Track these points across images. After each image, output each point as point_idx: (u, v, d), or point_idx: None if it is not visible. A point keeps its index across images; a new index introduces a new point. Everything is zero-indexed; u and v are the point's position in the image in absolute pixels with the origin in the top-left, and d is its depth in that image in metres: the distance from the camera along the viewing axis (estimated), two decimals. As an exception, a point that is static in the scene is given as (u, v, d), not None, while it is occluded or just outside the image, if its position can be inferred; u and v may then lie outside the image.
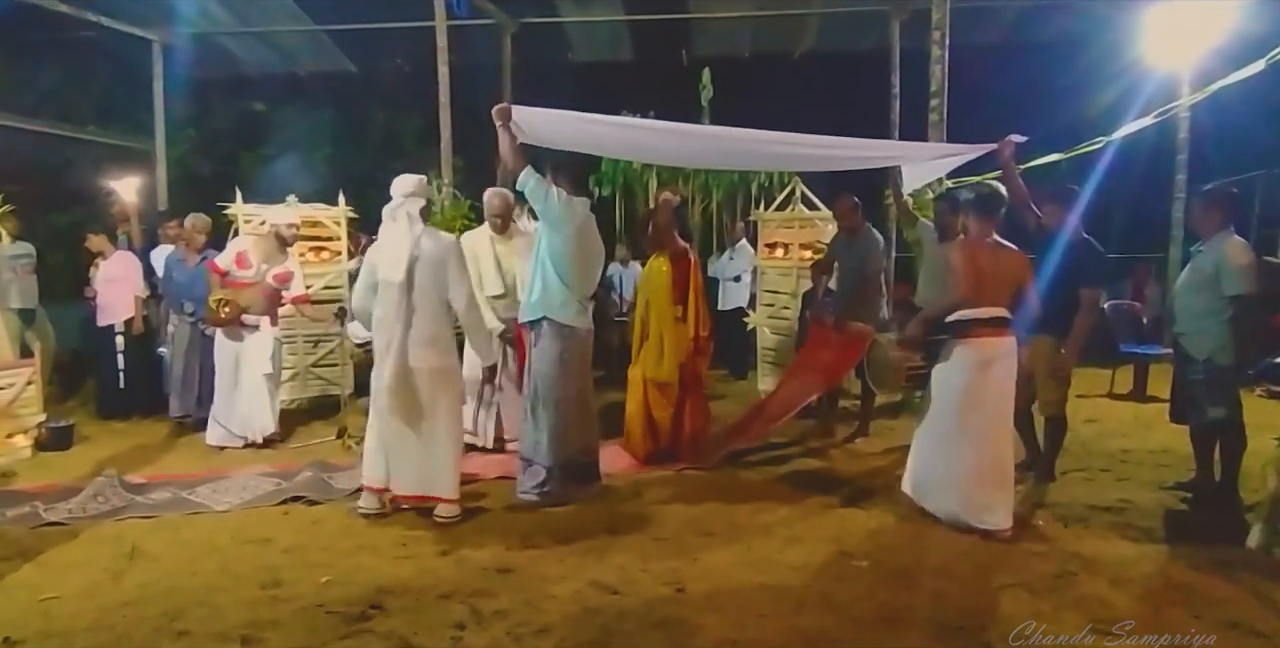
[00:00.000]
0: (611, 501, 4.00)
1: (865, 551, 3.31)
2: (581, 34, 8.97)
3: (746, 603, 2.84)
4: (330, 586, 2.95)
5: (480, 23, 8.12)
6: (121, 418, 5.77)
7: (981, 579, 3.03)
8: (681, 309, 4.62)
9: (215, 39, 8.57)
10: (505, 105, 3.76)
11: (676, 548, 3.35)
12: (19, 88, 8.45)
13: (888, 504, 3.92)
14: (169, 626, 2.64)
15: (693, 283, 4.64)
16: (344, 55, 9.12)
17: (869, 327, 4.91)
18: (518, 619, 2.69)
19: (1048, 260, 4.06)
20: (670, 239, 4.65)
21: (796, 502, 3.97)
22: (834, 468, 4.63)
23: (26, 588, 2.96)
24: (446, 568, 3.13)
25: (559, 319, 3.85)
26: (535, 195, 3.78)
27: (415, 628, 2.62)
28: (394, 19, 7.96)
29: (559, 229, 3.83)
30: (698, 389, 4.72)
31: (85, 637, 2.58)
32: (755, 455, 4.81)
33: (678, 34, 8.72)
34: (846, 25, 8.61)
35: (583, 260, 3.91)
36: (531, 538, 3.44)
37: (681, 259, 4.66)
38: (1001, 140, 4.02)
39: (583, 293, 3.92)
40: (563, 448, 3.89)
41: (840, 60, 9.23)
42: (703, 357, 4.72)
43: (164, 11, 7.75)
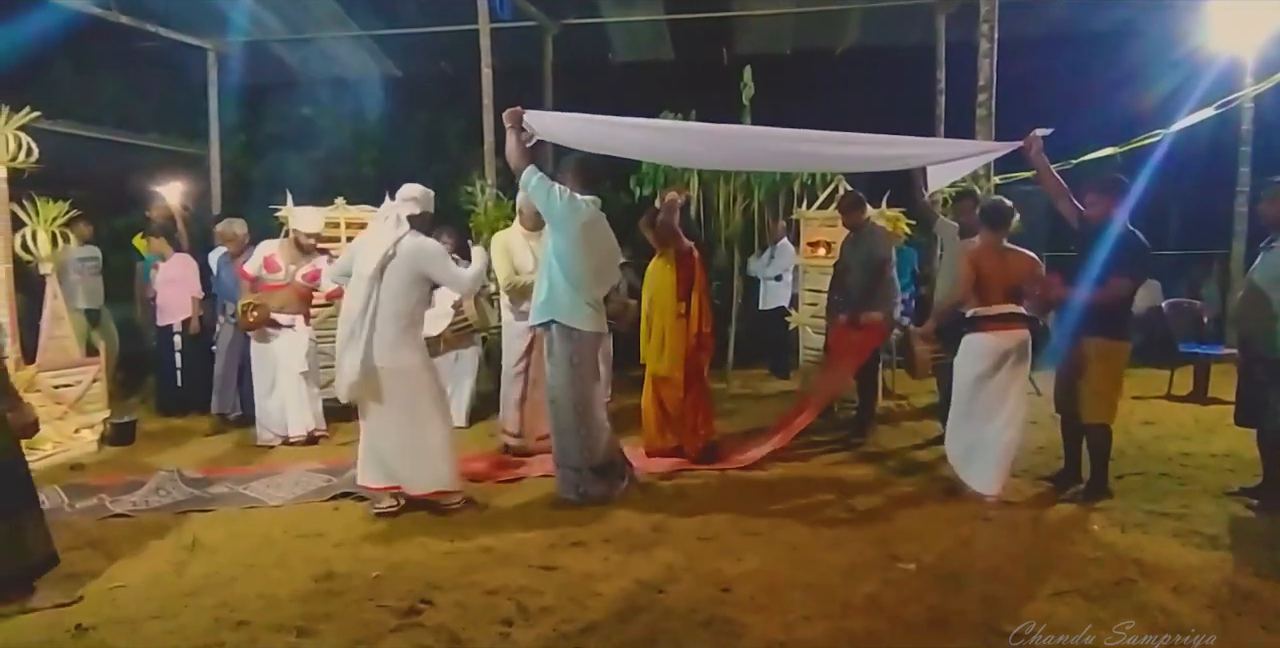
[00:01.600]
0: (655, 499, 4.01)
1: (912, 553, 3.26)
2: (622, 34, 8.99)
3: (792, 604, 2.82)
4: (381, 580, 3.01)
5: (522, 25, 8.20)
6: (179, 415, 5.96)
7: (1035, 584, 2.96)
8: (684, 306, 4.61)
9: (267, 46, 8.81)
10: (515, 109, 3.84)
11: (721, 548, 3.34)
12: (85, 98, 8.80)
13: (934, 506, 3.86)
14: (228, 616, 2.73)
15: (697, 280, 4.65)
16: (390, 60, 9.30)
17: (880, 315, 4.93)
18: (564, 616, 2.72)
19: (1093, 256, 3.84)
20: (675, 237, 4.65)
21: (841, 503, 3.93)
22: (878, 470, 4.57)
23: (94, 577, 3.07)
24: (493, 564, 3.17)
25: (567, 322, 3.82)
26: (537, 194, 3.79)
27: (464, 623, 2.66)
28: (438, 23, 8.09)
29: (563, 228, 3.80)
30: (700, 385, 4.72)
31: (151, 625, 2.68)
32: (798, 456, 4.77)
33: (719, 32, 8.69)
34: (890, 20, 8.47)
35: (590, 261, 3.85)
36: (576, 535, 3.47)
37: (686, 257, 4.65)
38: (1027, 136, 3.94)
39: (592, 294, 3.88)
40: (590, 449, 3.89)
41: (883, 56, 9.08)
42: (704, 353, 4.74)
43: (219, 21, 7.99)
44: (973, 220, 4.67)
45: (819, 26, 8.64)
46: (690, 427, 4.65)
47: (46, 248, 5.28)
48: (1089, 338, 3.86)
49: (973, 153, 4.46)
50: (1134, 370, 7.55)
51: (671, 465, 4.56)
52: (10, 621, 2.71)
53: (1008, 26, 6.19)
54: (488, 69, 6.88)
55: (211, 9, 7.74)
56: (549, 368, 3.93)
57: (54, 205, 5.22)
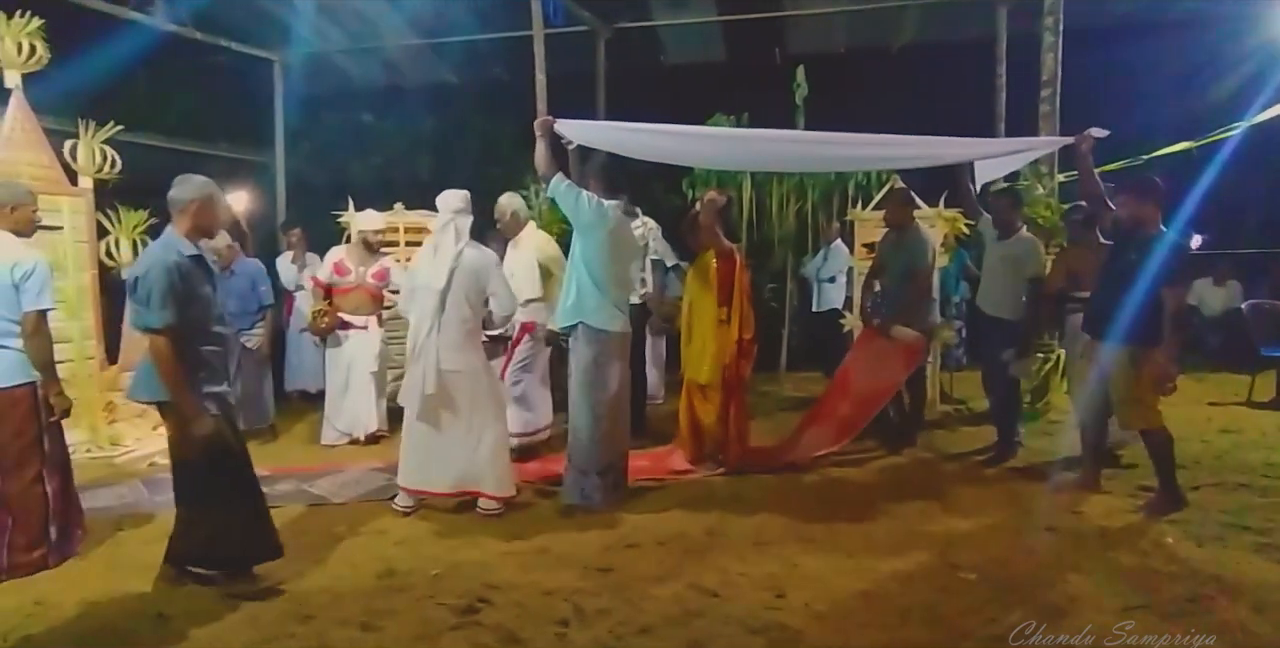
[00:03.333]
0: (710, 502, 4.00)
1: (974, 562, 3.18)
2: (674, 37, 9.00)
3: (848, 612, 2.79)
4: (440, 578, 3.08)
5: (574, 30, 8.28)
6: (249, 413, 6.20)
7: (1104, 599, 2.86)
8: (726, 311, 4.53)
9: (329, 57, 9.08)
10: (546, 118, 3.95)
11: (776, 553, 3.32)
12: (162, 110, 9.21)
13: (996, 514, 3.77)
14: (296, 610, 2.83)
15: (737, 284, 4.54)
16: (446, 67, 9.49)
17: (920, 334, 4.71)
18: (619, 618, 2.74)
19: (1122, 260, 3.71)
20: (714, 239, 4.58)
21: (899, 509, 3.86)
22: (937, 476, 4.47)
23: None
24: (549, 565, 3.22)
25: (593, 324, 3.85)
26: (565, 200, 3.84)
27: (521, 623, 2.71)
28: (493, 30, 8.22)
29: (590, 234, 3.85)
30: (740, 393, 4.63)
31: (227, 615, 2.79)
32: (853, 461, 4.71)
33: (771, 32, 8.61)
34: (947, 15, 8.25)
35: (617, 264, 3.91)
36: (631, 538, 3.50)
37: (727, 260, 4.57)
38: (1080, 134, 3.83)
39: (617, 297, 3.92)
40: (601, 452, 3.89)
41: (941, 52, 8.87)
42: (746, 360, 4.62)
43: (284, 33, 8.30)
44: (1011, 218, 4.53)
45: (874, 24, 8.48)
46: (732, 435, 4.57)
47: (128, 255, 5.56)
48: (1122, 345, 3.69)
49: (1023, 149, 4.34)
50: (1211, 375, 7.28)
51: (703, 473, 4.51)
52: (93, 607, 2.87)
53: (1072, 18, 5.99)
54: (541, 75, 6.97)
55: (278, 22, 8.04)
56: (572, 369, 3.97)
57: (135, 214, 5.49)
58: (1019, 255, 4.51)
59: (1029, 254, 4.51)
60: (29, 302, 3.08)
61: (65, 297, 5.10)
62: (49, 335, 3.18)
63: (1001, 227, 4.59)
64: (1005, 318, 4.60)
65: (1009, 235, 4.57)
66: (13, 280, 3.06)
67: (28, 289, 3.07)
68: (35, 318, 3.09)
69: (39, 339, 3.10)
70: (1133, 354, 3.67)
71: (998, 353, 4.62)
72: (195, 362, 2.92)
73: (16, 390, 3.11)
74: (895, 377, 4.79)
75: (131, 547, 3.49)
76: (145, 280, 2.82)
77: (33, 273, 3.09)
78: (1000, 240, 4.60)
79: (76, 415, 5.05)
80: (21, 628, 2.73)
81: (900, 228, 4.93)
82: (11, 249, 3.13)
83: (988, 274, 4.73)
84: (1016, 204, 4.65)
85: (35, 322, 3.09)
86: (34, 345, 3.09)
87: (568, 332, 3.98)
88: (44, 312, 3.12)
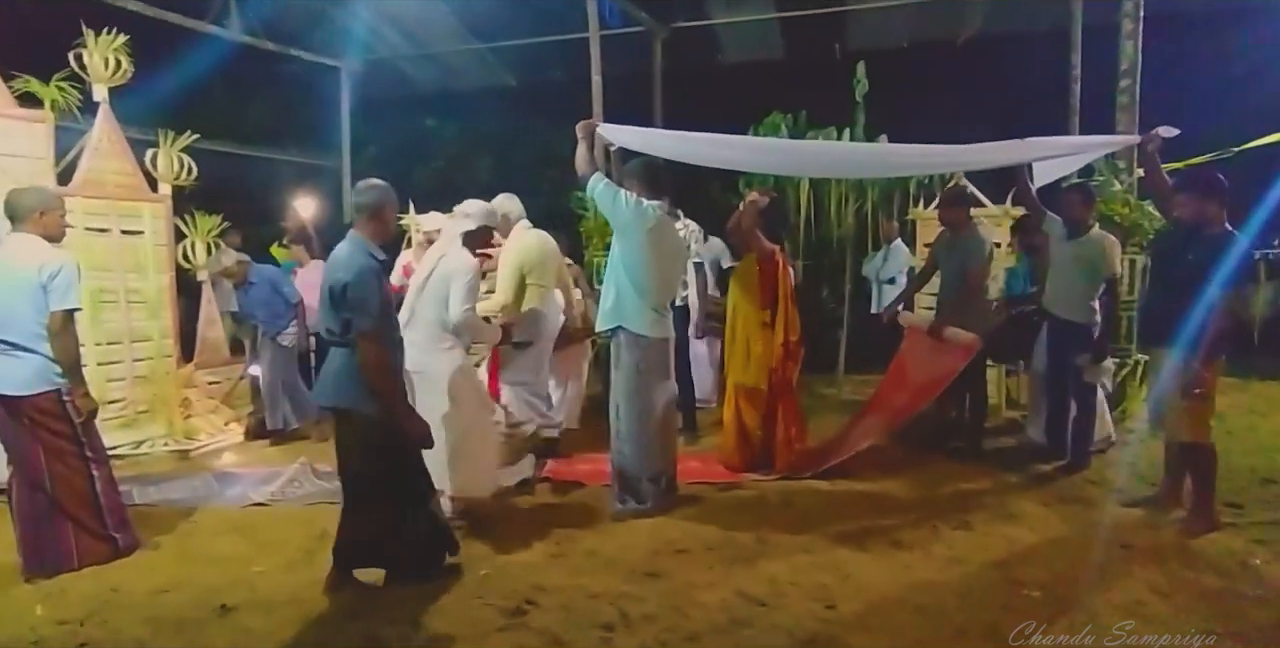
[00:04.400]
0: (761, 508, 3.94)
1: (1038, 579, 3.04)
2: (732, 35, 8.92)
3: (902, 626, 2.70)
4: (489, 579, 3.11)
5: (631, 31, 8.29)
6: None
7: (1182, 622, 2.69)
8: (770, 314, 4.43)
9: (392, 63, 9.34)
10: (589, 122, 3.94)
11: (828, 562, 3.24)
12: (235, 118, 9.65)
13: (1063, 528, 3.59)
14: (348, 607, 2.89)
15: (781, 286, 4.43)
16: (505, 71, 9.64)
17: (974, 335, 4.51)
18: (665, 625, 2.72)
19: (1179, 261, 3.49)
20: (756, 241, 4.47)
21: (959, 520, 3.71)
22: (1000, 485, 4.30)
23: (238, 561, 3.36)
24: (596, 568, 3.21)
25: (633, 329, 3.77)
26: (603, 200, 3.79)
27: (566, 626, 2.71)
28: (550, 33, 8.31)
29: (628, 234, 3.77)
30: (789, 396, 4.51)
31: (284, 609, 2.89)
32: (912, 469, 4.56)
33: (831, 28, 8.44)
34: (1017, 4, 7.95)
35: (656, 267, 3.80)
36: (680, 543, 3.46)
37: (769, 262, 4.47)
38: (1147, 134, 3.69)
39: (658, 301, 3.82)
40: (649, 459, 3.83)
41: (1009, 44, 8.54)
42: (793, 362, 4.50)
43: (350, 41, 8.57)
44: (1082, 216, 4.33)
45: (938, 16, 8.23)
46: (782, 440, 4.47)
47: (203, 257, 5.82)
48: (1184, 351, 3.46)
49: (1085, 149, 4.14)
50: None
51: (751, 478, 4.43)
52: (163, 596, 3.01)
53: (1154, 3, 5.67)
54: (597, 76, 7.00)
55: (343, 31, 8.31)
56: (614, 375, 3.91)
57: (209, 218, 5.75)
58: (1093, 255, 4.30)
59: (1104, 253, 4.29)
60: (55, 301, 3.10)
61: (145, 297, 5.40)
62: (75, 336, 3.21)
63: (1072, 225, 4.37)
64: (1076, 321, 4.40)
65: (1081, 234, 4.35)
66: (40, 281, 3.09)
67: (54, 288, 3.10)
68: (61, 317, 3.12)
69: (65, 339, 3.13)
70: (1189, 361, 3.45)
71: (1068, 358, 4.42)
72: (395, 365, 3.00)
73: (42, 398, 3.16)
74: (946, 372, 4.59)
75: (201, 539, 3.65)
76: (358, 286, 2.82)
77: (59, 273, 3.11)
78: (1071, 239, 4.39)
79: (154, 411, 5.37)
80: (99, 613, 2.88)
81: (955, 228, 4.79)
82: (39, 252, 3.17)
83: (1057, 275, 4.51)
84: (1088, 200, 4.41)
85: (61, 321, 3.12)
86: (59, 345, 3.12)
87: (607, 336, 3.94)
88: (70, 312, 3.15)
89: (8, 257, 3.19)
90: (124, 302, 5.24)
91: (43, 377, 3.15)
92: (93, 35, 5.07)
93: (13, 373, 3.14)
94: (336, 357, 2.93)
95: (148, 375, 5.36)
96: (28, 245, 3.19)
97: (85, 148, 5.13)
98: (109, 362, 5.15)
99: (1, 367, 3.15)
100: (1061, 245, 4.45)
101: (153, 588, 3.08)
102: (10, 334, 3.12)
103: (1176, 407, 3.50)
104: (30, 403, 3.14)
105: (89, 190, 5.07)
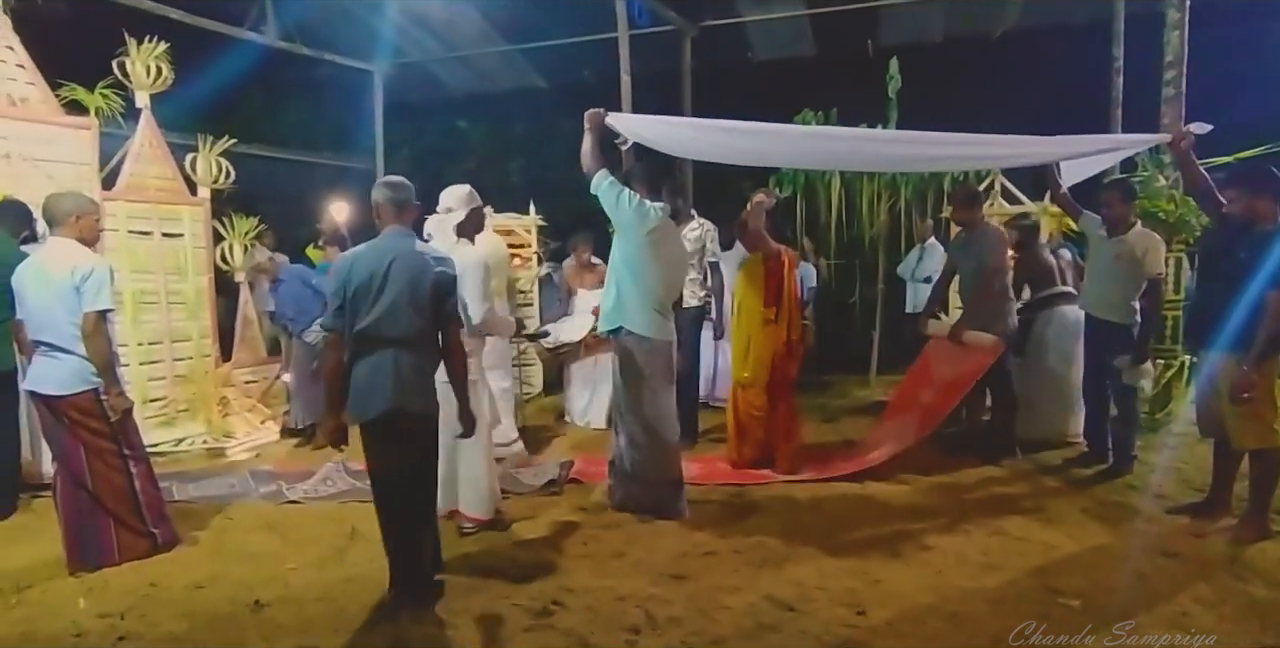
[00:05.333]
0: (790, 511, 3.89)
1: (1077, 587, 2.95)
2: (761, 32, 8.84)
3: (934, 634, 2.64)
4: (515, 579, 3.11)
5: (660, 30, 8.26)
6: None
7: (1232, 636, 2.59)
8: (774, 311, 4.41)
9: (424, 66, 9.44)
10: (596, 111, 3.77)
11: (858, 567, 3.19)
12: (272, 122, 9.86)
13: (1103, 534, 3.49)
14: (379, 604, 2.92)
15: (786, 285, 4.42)
16: (535, 72, 9.69)
17: (994, 337, 4.43)
18: (691, 628, 2.69)
19: (1230, 259, 3.35)
20: (761, 241, 4.46)
21: (995, 525, 3.63)
22: (1038, 489, 4.19)
23: (272, 557, 3.41)
24: (623, 570, 3.20)
25: (634, 329, 3.74)
26: (606, 198, 3.74)
27: (593, 628, 2.71)
28: (579, 33, 8.32)
29: (630, 234, 3.73)
30: (788, 394, 4.50)
31: (315, 606, 2.93)
32: (946, 472, 4.48)
33: (863, 24, 8.32)
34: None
35: (658, 268, 3.75)
36: (707, 545, 3.43)
37: (774, 261, 4.45)
38: (1178, 131, 3.58)
39: (659, 302, 3.78)
40: (645, 460, 3.78)
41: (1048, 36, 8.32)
42: (794, 361, 4.50)
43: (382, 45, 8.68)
44: (1122, 213, 4.20)
45: (974, 10, 8.06)
46: (781, 438, 4.46)
47: (240, 259, 5.94)
48: (1231, 354, 3.33)
49: (1112, 147, 4.02)
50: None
51: (755, 478, 4.40)
52: (199, 591, 3.07)
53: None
54: (626, 76, 6.99)
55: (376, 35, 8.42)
56: (615, 375, 3.88)
57: (245, 220, 5.86)
58: (1134, 253, 4.17)
59: (1148, 251, 4.16)
60: (87, 302, 3.16)
61: (185, 298, 5.52)
62: (108, 337, 3.25)
63: (1112, 222, 4.24)
64: (1116, 321, 4.28)
65: (1122, 231, 4.23)
66: (73, 283, 3.15)
67: (86, 290, 3.16)
68: (94, 318, 3.17)
69: (98, 339, 3.18)
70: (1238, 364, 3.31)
71: (1107, 358, 4.30)
72: None
73: (79, 397, 3.22)
74: (968, 375, 4.53)
75: (236, 535, 3.72)
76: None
77: (90, 275, 3.17)
78: (1112, 237, 4.26)
79: (193, 409, 5.49)
80: (138, 607, 2.95)
81: (969, 227, 4.71)
82: (72, 254, 3.23)
83: (1096, 274, 4.40)
84: (1128, 197, 4.28)
85: (94, 322, 3.17)
86: (93, 346, 3.17)
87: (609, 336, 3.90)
88: (103, 313, 3.19)
89: (44, 261, 3.28)
90: (164, 303, 5.37)
91: (80, 377, 3.22)
92: (135, 44, 5.20)
93: (52, 373, 3.23)
94: (402, 359, 2.74)
95: (187, 375, 5.49)
96: (63, 249, 3.27)
97: (128, 153, 5.27)
98: (150, 361, 5.27)
99: (41, 368, 3.25)
100: (1101, 244, 4.33)
101: (189, 583, 3.14)
102: (48, 336, 3.22)
103: (1233, 413, 3.36)
104: (69, 402, 3.23)
105: (131, 194, 5.21)
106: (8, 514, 3.95)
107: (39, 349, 3.25)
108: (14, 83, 4.74)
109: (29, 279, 3.26)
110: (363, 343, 2.78)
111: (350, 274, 2.79)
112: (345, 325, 2.79)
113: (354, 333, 2.78)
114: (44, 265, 3.25)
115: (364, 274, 2.76)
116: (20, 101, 4.75)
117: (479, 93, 10.27)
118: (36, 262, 3.31)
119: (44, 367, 3.24)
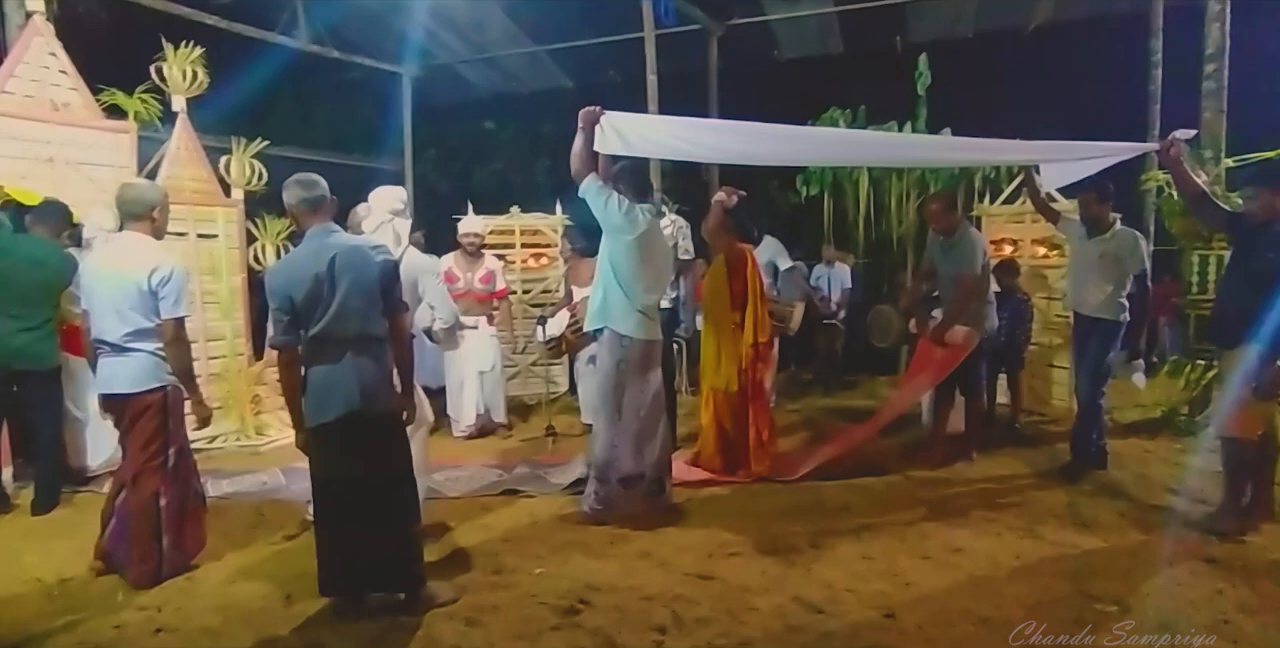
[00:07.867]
0: (819, 511, 3.87)
1: (1114, 593, 2.89)
2: (788, 30, 8.78)
3: (964, 638, 2.61)
4: (543, 577, 3.13)
5: (687, 30, 8.24)
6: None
7: (1271, 642, 2.52)
8: (740, 315, 4.35)
9: (452, 68, 9.52)
10: (592, 109, 3.66)
11: (887, 569, 3.15)
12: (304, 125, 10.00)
13: (1141, 539, 3.41)
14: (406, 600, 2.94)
15: (750, 288, 4.35)
16: (561, 72, 9.72)
17: (970, 330, 4.44)
18: (719, 629, 2.68)
19: (1255, 258, 3.32)
20: (724, 241, 4.39)
21: (1028, 529, 3.57)
22: (1072, 493, 4.11)
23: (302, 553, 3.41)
24: (650, 570, 3.20)
25: (618, 329, 3.72)
26: (595, 202, 3.70)
27: (619, 627, 2.71)
28: (605, 34, 8.33)
29: (618, 237, 3.70)
30: (760, 398, 4.43)
31: (344, 602, 2.96)
32: (977, 473, 4.42)
33: (891, 20, 8.22)
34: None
35: (645, 269, 3.74)
36: (734, 545, 3.42)
37: (738, 263, 4.38)
38: (1166, 139, 3.63)
39: (644, 303, 3.76)
40: (622, 461, 3.75)
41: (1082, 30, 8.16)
42: (764, 364, 4.43)
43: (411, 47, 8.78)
44: (1099, 214, 4.26)
45: (1004, 4, 7.93)
46: (755, 442, 4.39)
47: (272, 259, 6.04)
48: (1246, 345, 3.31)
49: (1100, 154, 3.98)
50: None
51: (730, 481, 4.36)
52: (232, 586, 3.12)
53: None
54: (652, 76, 6.98)
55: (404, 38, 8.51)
56: (596, 375, 3.88)
57: (278, 221, 5.95)
58: (1118, 251, 4.27)
59: (1131, 249, 4.25)
60: (167, 309, 3.09)
61: (219, 298, 5.62)
62: (188, 343, 3.20)
63: (1090, 222, 4.34)
64: (1105, 318, 4.34)
65: (1102, 231, 4.32)
66: (150, 287, 3.07)
67: (166, 296, 3.09)
68: (174, 326, 3.11)
69: (179, 346, 3.13)
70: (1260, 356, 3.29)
71: (1099, 356, 4.32)
72: None
73: (149, 395, 3.14)
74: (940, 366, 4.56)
75: (267, 531, 3.77)
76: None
77: (170, 279, 3.09)
78: (1092, 238, 4.35)
79: (227, 407, 5.59)
80: (174, 600, 3.01)
81: (947, 233, 4.64)
82: (153, 254, 3.14)
83: (1082, 274, 4.45)
84: (1105, 198, 4.33)
85: (174, 330, 3.11)
86: (174, 353, 3.13)
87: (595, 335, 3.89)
88: (181, 319, 3.13)
89: (117, 258, 3.15)
90: (199, 302, 5.46)
91: (151, 375, 3.14)
92: (171, 49, 5.31)
93: (121, 372, 3.13)
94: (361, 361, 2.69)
95: (221, 373, 5.59)
96: (138, 246, 3.16)
97: (164, 156, 5.38)
98: (186, 360, 5.37)
99: (110, 368, 3.15)
100: (1083, 244, 4.40)
101: (223, 578, 3.20)
102: (117, 335, 3.10)
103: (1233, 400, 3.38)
104: (136, 401, 3.15)
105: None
106: (50, 508, 4.05)
107: (103, 350, 3.14)
108: (57, 89, 4.87)
109: (100, 277, 3.14)
110: (318, 347, 2.69)
111: (290, 284, 2.66)
112: (298, 339, 2.70)
113: (307, 338, 2.68)
114: (117, 264, 3.13)
115: (307, 280, 2.64)
116: (62, 107, 4.87)
117: (506, 94, 10.32)
118: (107, 259, 3.18)
119: (113, 367, 3.14)
